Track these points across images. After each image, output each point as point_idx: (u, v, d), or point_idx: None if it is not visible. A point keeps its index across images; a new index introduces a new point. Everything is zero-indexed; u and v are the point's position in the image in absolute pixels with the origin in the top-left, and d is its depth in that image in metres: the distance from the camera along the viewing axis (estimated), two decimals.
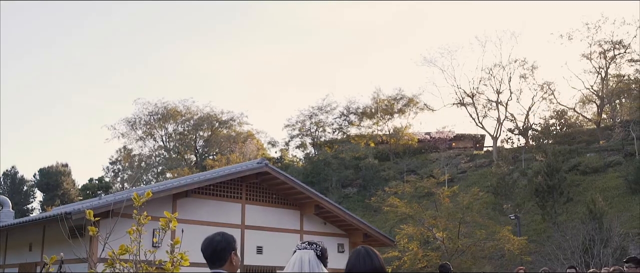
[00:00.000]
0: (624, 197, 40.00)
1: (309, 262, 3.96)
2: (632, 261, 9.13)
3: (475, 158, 58.69)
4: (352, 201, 50.23)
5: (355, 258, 3.93)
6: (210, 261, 4.19)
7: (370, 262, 3.86)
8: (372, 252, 3.97)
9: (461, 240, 29.17)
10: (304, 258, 4.00)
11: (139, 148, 68.96)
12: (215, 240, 4.20)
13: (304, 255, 4.02)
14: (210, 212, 21.88)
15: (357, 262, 3.89)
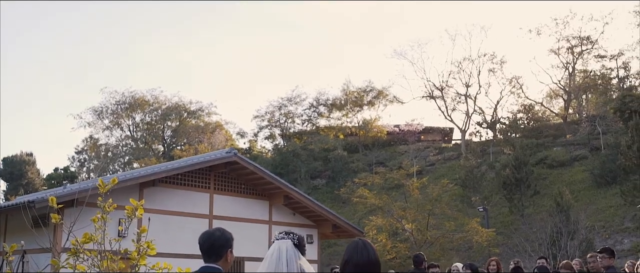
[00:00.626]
0: (590, 190, 40.50)
1: (286, 251, 4.05)
2: (606, 251, 9.13)
3: (444, 151, 59.01)
4: (320, 192, 50.16)
5: (352, 250, 3.99)
6: (207, 255, 4.23)
7: (366, 254, 3.95)
8: (369, 244, 4.06)
9: (430, 232, 29.21)
10: (281, 247, 4.08)
11: (106, 137, 68.04)
12: (214, 235, 4.26)
13: (282, 244, 4.10)
14: (178, 202, 21.57)
15: (354, 253, 3.96)
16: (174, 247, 20.14)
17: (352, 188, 33.74)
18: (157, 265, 5.73)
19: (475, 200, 39.28)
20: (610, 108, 50.61)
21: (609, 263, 8.94)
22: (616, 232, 33.70)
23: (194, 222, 21.93)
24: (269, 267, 4.05)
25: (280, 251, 4.08)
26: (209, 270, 4.21)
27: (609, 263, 8.94)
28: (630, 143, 34.64)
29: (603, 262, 8.97)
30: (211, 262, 4.23)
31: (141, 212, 6.01)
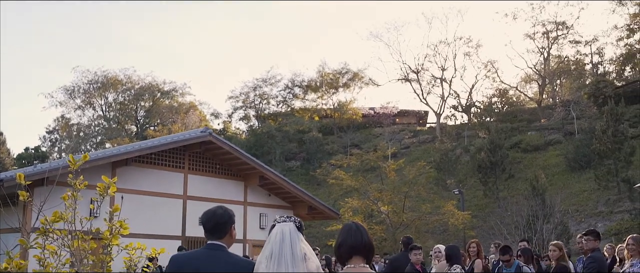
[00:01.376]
0: (564, 174, 40.72)
1: (289, 233, 4.06)
2: (591, 234, 8.98)
3: (419, 134, 59.05)
4: (295, 174, 49.90)
5: (346, 233, 4.05)
6: (211, 232, 4.32)
7: (360, 237, 4.01)
8: (362, 228, 4.12)
9: (406, 214, 29.12)
10: (284, 230, 4.07)
11: (78, 117, 67.04)
12: (217, 213, 4.35)
13: (285, 227, 4.09)
14: (151, 182, 21.20)
15: (348, 236, 4.02)
16: (148, 228, 19.81)
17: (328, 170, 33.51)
18: (130, 245, 5.52)
19: (450, 183, 39.31)
20: (584, 93, 50.96)
21: (595, 246, 8.80)
22: (590, 216, 33.91)
23: (168, 202, 21.61)
24: (273, 249, 4.03)
25: (283, 233, 4.06)
26: (214, 247, 4.31)
27: (595, 245, 8.80)
28: (605, 128, 34.80)
29: (588, 244, 8.83)
30: (215, 239, 4.32)
31: (113, 190, 5.68)
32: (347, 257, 4.00)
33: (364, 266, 3.99)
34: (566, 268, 8.75)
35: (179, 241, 20.22)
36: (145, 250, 5.58)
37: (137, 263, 5.58)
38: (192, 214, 22.19)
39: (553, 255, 8.95)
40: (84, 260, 5.30)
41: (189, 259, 4.36)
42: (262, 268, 4.02)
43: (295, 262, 3.98)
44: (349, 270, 3.97)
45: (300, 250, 4.02)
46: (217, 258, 4.25)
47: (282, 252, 3.98)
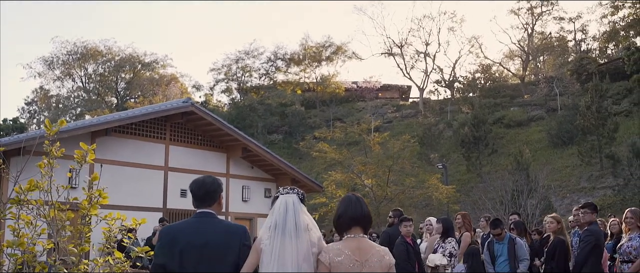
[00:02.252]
0: (546, 150, 40.75)
1: (293, 205, 4.19)
2: (589, 206, 8.70)
3: (402, 108, 58.85)
4: (277, 148, 49.55)
5: (347, 204, 4.23)
6: (201, 200, 4.42)
7: (360, 208, 4.20)
8: (361, 199, 4.30)
9: (390, 188, 28.86)
10: (288, 201, 4.22)
11: (57, 89, 66.05)
12: (207, 182, 4.45)
13: (288, 198, 4.24)
14: (131, 152, 20.72)
15: (349, 207, 4.20)
16: (128, 199, 19.41)
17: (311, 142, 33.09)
18: (109, 215, 5.31)
19: (433, 158, 39.20)
20: (567, 70, 50.99)
21: (592, 219, 8.54)
22: (572, 191, 33.95)
23: (148, 173, 21.16)
24: (277, 220, 4.16)
25: (286, 204, 4.20)
26: (205, 214, 4.40)
27: (592, 218, 8.54)
28: (589, 104, 34.77)
29: (585, 217, 8.56)
30: (205, 207, 4.42)
31: (92, 157, 5.36)
32: (347, 228, 4.16)
33: (362, 236, 4.16)
34: (564, 241, 8.50)
35: (160, 213, 19.82)
36: (125, 221, 5.41)
37: (116, 234, 5.39)
38: (174, 186, 21.77)
39: (551, 227, 8.71)
40: (61, 230, 5.08)
41: (181, 229, 4.38)
42: (265, 238, 4.12)
43: (298, 232, 4.11)
44: (348, 239, 4.13)
45: (303, 220, 4.15)
46: (209, 225, 4.32)
47: (286, 223, 4.12)
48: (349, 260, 4.03)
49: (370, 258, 4.07)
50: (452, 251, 9.09)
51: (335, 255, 4.06)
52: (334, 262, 4.03)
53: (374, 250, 4.12)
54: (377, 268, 4.06)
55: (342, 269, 4.00)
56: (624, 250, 8.07)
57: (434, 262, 8.97)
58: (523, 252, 8.84)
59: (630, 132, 36.69)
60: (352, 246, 4.09)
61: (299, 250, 4.07)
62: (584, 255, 8.32)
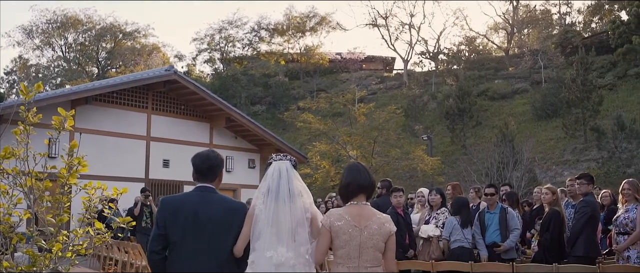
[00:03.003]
0: (530, 123, 40.73)
1: (286, 171, 4.30)
2: (585, 177, 8.50)
3: (386, 80, 58.57)
4: (261, 118, 49.11)
5: (355, 173, 4.34)
6: (204, 175, 4.44)
7: (367, 176, 4.33)
8: (366, 168, 4.43)
9: (375, 159, 28.66)
10: (281, 167, 4.32)
11: (36, 58, 64.99)
12: (211, 156, 4.48)
13: (282, 165, 4.34)
14: (112, 122, 20.36)
15: (357, 175, 4.31)
16: (109, 169, 19.12)
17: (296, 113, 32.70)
18: (89, 185, 5.11)
19: (418, 129, 39.04)
20: (552, 43, 50.88)
21: (588, 190, 8.35)
22: (556, 164, 33.98)
23: (130, 143, 20.83)
24: (271, 186, 4.25)
25: (280, 170, 4.29)
26: (206, 189, 4.42)
27: (588, 189, 8.34)
28: (574, 77, 34.70)
29: (581, 188, 8.36)
30: (207, 182, 4.44)
31: (71, 124, 5.07)
32: (354, 195, 4.28)
33: (366, 203, 4.31)
34: (559, 212, 8.29)
35: (142, 183, 19.48)
36: (105, 191, 5.21)
37: (97, 204, 5.18)
38: (156, 156, 21.46)
39: (546, 199, 8.48)
40: (39, 200, 4.87)
41: (182, 201, 4.39)
42: (259, 203, 4.22)
43: (292, 197, 4.21)
44: (351, 206, 4.26)
45: (296, 186, 4.27)
46: (210, 199, 4.35)
47: (280, 188, 4.21)
48: (348, 225, 4.13)
49: (370, 225, 4.15)
50: (445, 221, 8.85)
51: (336, 220, 4.16)
52: (334, 226, 4.14)
53: (374, 217, 4.22)
54: (376, 235, 4.12)
55: (341, 234, 4.12)
56: (620, 222, 7.89)
57: (427, 233, 8.73)
58: (515, 222, 8.62)
59: (614, 106, 36.75)
60: (353, 212, 4.20)
61: (292, 214, 4.18)
62: (580, 227, 8.14)
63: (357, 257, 4.11)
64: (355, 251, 4.11)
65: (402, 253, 8.72)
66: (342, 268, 4.14)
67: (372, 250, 4.14)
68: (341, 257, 4.14)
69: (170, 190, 21.48)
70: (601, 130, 31.18)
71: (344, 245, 4.12)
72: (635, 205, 7.81)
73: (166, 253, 4.34)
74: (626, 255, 7.78)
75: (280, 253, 4.10)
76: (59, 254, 4.79)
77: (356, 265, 4.11)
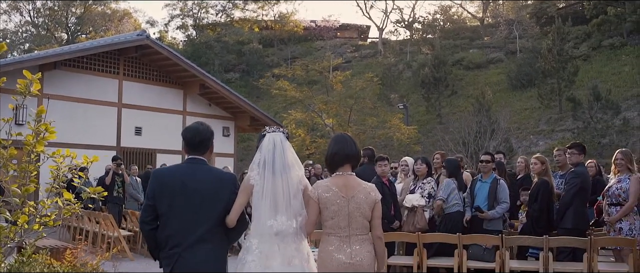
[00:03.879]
0: (505, 92, 40.66)
1: (281, 143, 4.37)
2: (576, 147, 8.24)
3: (361, 48, 58.15)
4: (234, 86, 48.36)
5: (342, 143, 4.46)
6: (195, 148, 4.47)
7: (353, 146, 4.46)
8: (352, 138, 4.55)
9: (351, 127, 28.31)
10: (276, 139, 4.38)
11: (4, 23, 63.50)
12: (201, 130, 4.50)
13: (276, 136, 4.40)
14: (83, 88, 19.75)
15: (344, 145, 4.43)
16: (80, 137, 18.62)
17: (271, 80, 32.11)
18: (57, 152, 4.91)
19: (393, 98, 38.76)
20: (527, 13, 50.75)
21: (579, 160, 8.08)
22: (531, 133, 33.97)
23: (100, 110, 20.26)
24: (266, 157, 4.32)
25: (274, 142, 4.36)
26: (197, 161, 4.45)
27: (579, 159, 8.08)
28: (551, 47, 34.56)
29: (572, 158, 8.09)
30: (198, 154, 4.47)
31: (37, 88, 4.75)
32: (340, 165, 4.39)
33: (350, 174, 4.41)
34: (548, 183, 8.02)
35: (113, 151, 18.98)
36: (75, 159, 5.00)
37: (66, 173, 4.99)
38: (128, 123, 20.92)
39: (535, 168, 8.22)
40: (4, 169, 4.67)
41: (173, 173, 4.44)
42: (254, 175, 4.28)
43: (287, 169, 4.29)
44: (336, 177, 4.38)
45: (289, 158, 4.35)
46: (200, 171, 4.38)
47: (275, 160, 4.29)
48: (335, 196, 4.25)
49: (357, 195, 4.28)
50: (431, 191, 8.55)
51: (324, 191, 4.29)
52: (322, 197, 4.27)
53: (360, 187, 4.35)
54: (363, 204, 4.25)
55: (330, 204, 4.25)
56: (612, 192, 7.66)
57: (412, 203, 8.43)
58: (505, 195, 8.29)
59: (589, 76, 36.75)
60: (340, 183, 4.32)
61: (289, 186, 4.28)
62: (569, 198, 7.91)
63: (346, 226, 4.25)
64: (345, 220, 4.25)
65: (388, 224, 8.44)
66: (333, 238, 4.27)
67: (361, 219, 4.27)
68: (331, 227, 4.28)
69: (142, 158, 21.01)
70: (577, 101, 31.16)
71: (333, 216, 4.26)
72: (628, 175, 7.60)
73: (157, 224, 4.37)
74: (618, 227, 7.59)
75: (281, 221, 4.23)
76: (25, 226, 4.62)
77: (347, 235, 4.25)
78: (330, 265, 4.24)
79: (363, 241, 4.27)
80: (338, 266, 4.21)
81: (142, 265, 11.29)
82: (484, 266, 7.90)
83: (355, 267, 4.22)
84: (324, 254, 4.28)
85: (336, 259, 4.22)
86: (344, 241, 4.24)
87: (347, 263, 4.20)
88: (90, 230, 12.73)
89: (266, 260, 4.18)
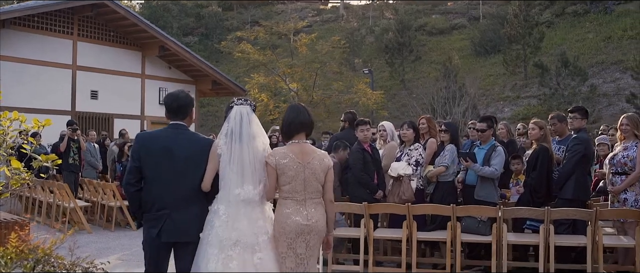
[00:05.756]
0: (469, 59, 40.30)
1: (247, 114, 4.53)
2: (579, 111, 7.61)
3: (322, 13, 57.20)
4: (193, 50, 46.66)
5: (296, 112, 4.60)
6: (174, 113, 4.65)
7: (307, 115, 4.61)
8: (306, 108, 4.72)
9: (316, 92, 27.50)
10: (243, 111, 4.54)
11: None
12: (180, 96, 4.71)
13: (243, 109, 4.56)
14: (34, 48, 18.61)
15: (299, 114, 4.57)
16: (31, 101, 17.61)
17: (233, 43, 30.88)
18: (4, 115, 4.66)
19: (357, 63, 38.04)
20: None
21: (581, 125, 7.46)
22: (497, 100, 33.72)
23: (54, 72, 19.16)
24: (234, 128, 4.48)
25: (241, 114, 4.52)
26: (178, 126, 4.62)
27: (581, 124, 7.45)
28: (517, 12, 34.20)
29: (574, 122, 7.47)
30: (178, 120, 4.64)
31: None
32: (295, 133, 4.56)
33: (306, 141, 4.61)
34: (547, 149, 7.38)
35: (68, 116, 17.97)
36: (25, 123, 4.76)
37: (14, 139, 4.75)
38: (83, 87, 19.85)
39: (532, 134, 7.53)
40: None
41: (157, 136, 4.61)
42: (222, 144, 4.48)
43: (253, 139, 4.49)
44: (293, 144, 4.54)
45: (254, 129, 4.53)
46: (182, 136, 4.59)
47: (242, 131, 4.47)
48: (293, 162, 4.44)
49: (312, 161, 4.49)
50: (419, 159, 7.85)
51: (281, 158, 4.46)
52: (279, 164, 4.44)
53: (315, 154, 4.56)
54: (317, 169, 4.47)
55: (287, 170, 4.43)
56: (617, 160, 7.07)
57: (397, 172, 7.71)
58: (497, 160, 7.58)
59: (553, 43, 36.56)
60: (296, 150, 4.50)
61: (255, 154, 4.48)
62: (571, 166, 7.26)
63: (302, 190, 4.46)
64: (301, 185, 4.45)
65: (370, 194, 7.77)
66: (289, 202, 4.46)
67: (316, 183, 4.49)
68: (288, 192, 4.46)
69: (99, 123, 20.00)
70: (545, 67, 30.85)
71: (290, 181, 4.44)
72: (635, 142, 7.01)
73: (141, 186, 4.52)
74: (623, 198, 7.02)
75: (247, 190, 4.41)
76: None
77: (303, 198, 4.45)
78: (288, 226, 4.42)
79: (317, 204, 4.50)
80: (296, 227, 4.41)
81: (101, 238, 10.47)
82: (479, 239, 7.29)
83: (310, 228, 4.44)
84: (281, 217, 4.45)
85: (293, 221, 4.41)
86: (300, 204, 4.45)
87: (304, 224, 4.42)
88: (44, 201, 11.81)
89: (234, 222, 4.36)
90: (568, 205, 7.12)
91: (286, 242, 4.42)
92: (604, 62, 33.10)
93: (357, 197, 7.74)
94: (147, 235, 4.49)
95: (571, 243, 7.04)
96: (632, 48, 32.52)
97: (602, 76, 31.90)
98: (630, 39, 33.97)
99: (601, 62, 33.04)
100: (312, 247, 4.50)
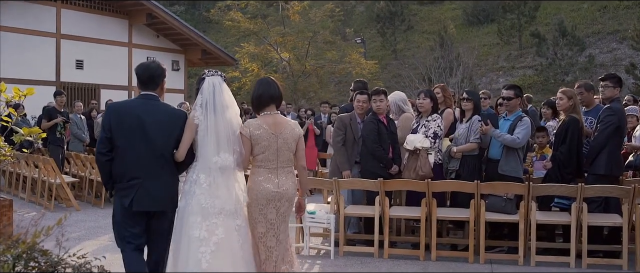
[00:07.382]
0: (462, 28, 39.56)
1: (220, 85, 4.70)
2: (611, 79, 7.01)
3: None
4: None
5: (266, 85, 4.88)
6: (145, 84, 4.67)
7: (276, 88, 4.92)
8: (276, 81, 5.02)
9: (309, 62, 26.73)
10: (215, 82, 4.71)
11: None
12: (151, 67, 4.71)
13: (215, 80, 4.73)
14: (15, 16, 17.81)
15: (268, 87, 4.87)
16: (13, 71, 16.89)
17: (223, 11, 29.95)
18: None
19: (349, 32, 37.26)
20: None
21: (614, 94, 6.86)
22: (491, 70, 33.15)
23: (36, 41, 18.39)
24: (208, 99, 4.63)
25: (214, 85, 4.68)
26: (149, 97, 4.64)
27: (614, 93, 6.86)
28: None
29: (606, 91, 6.88)
30: (149, 91, 4.67)
31: None
32: (266, 105, 4.83)
33: (277, 112, 4.89)
34: (578, 121, 6.79)
35: (53, 87, 17.19)
36: (4, 92, 4.66)
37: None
38: (68, 56, 19.08)
39: (561, 104, 6.93)
40: None
41: (128, 106, 4.63)
42: (198, 114, 4.61)
43: (226, 109, 4.66)
44: (266, 116, 4.82)
45: (226, 99, 4.69)
46: (154, 107, 4.60)
47: (215, 101, 4.63)
48: (266, 133, 4.71)
49: (284, 131, 4.77)
50: (437, 131, 7.22)
51: (255, 129, 4.72)
52: (254, 134, 4.71)
53: (286, 124, 4.83)
54: (289, 139, 4.75)
55: (261, 141, 4.70)
56: None
57: (414, 145, 7.10)
58: (521, 130, 6.92)
59: (547, 12, 35.93)
60: (269, 121, 4.77)
61: (231, 124, 4.66)
62: (604, 138, 6.70)
63: (275, 159, 4.72)
64: (273, 155, 4.72)
65: (384, 169, 7.17)
66: (262, 170, 4.73)
67: (287, 153, 4.77)
68: (262, 160, 4.73)
69: (85, 94, 19.25)
70: (542, 37, 30.24)
71: (264, 151, 4.71)
72: None
73: (112, 156, 4.49)
74: None
75: (224, 158, 4.60)
76: None
77: (275, 167, 4.72)
78: (260, 193, 4.68)
79: (288, 173, 4.77)
80: (267, 194, 4.68)
81: (90, 216, 9.83)
82: (505, 219, 6.72)
83: (281, 194, 4.70)
84: (254, 184, 4.70)
85: (265, 188, 4.68)
86: (272, 172, 4.71)
87: (274, 191, 4.68)
88: (28, 176, 11.13)
89: (216, 190, 4.55)
90: (600, 181, 6.57)
91: (258, 208, 4.68)
92: (600, 31, 32.57)
93: (369, 172, 7.16)
94: (119, 205, 4.53)
95: (606, 223, 6.52)
96: (629, 17, 31.99)
97: (598, 46, 31.37)
98: (627, 9, 33.41)
99: (597, 32, 32.51)
100: (282, 214, 4.76)
